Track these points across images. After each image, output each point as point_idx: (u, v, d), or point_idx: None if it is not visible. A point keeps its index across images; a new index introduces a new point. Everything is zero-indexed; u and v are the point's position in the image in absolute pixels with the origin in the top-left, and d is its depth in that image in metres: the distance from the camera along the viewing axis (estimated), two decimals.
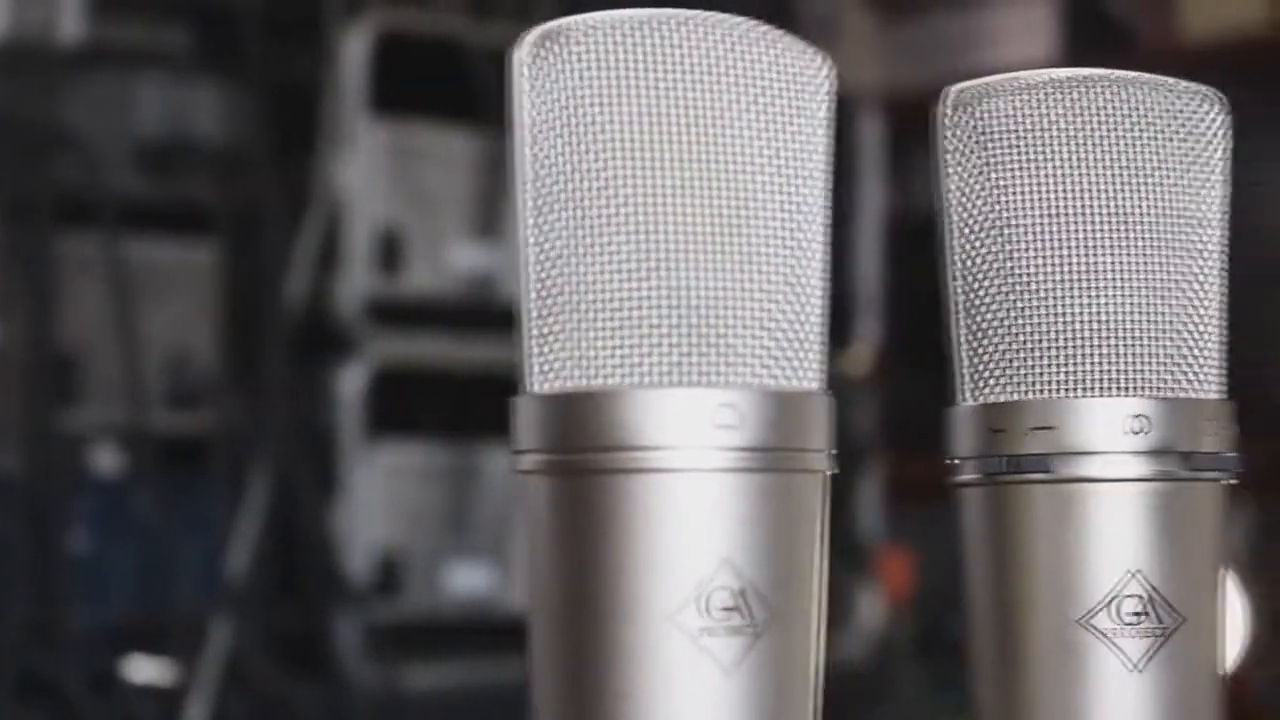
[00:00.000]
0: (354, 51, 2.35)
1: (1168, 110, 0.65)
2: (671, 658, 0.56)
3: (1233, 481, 0.66)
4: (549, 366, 0.58)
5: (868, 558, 2.63)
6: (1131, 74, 0.65)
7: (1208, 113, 0.66)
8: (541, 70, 0.58)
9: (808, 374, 0.59)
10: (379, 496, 2.33)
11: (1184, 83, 0.66)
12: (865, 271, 2.72)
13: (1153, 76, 0.66)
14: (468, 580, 2.32)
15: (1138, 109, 0.64)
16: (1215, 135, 0.66)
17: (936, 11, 3.31)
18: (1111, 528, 0.64)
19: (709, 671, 0.56)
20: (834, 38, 3.09)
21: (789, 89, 0.58)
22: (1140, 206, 0.64)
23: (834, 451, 0.60)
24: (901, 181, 2.88)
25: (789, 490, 0.58)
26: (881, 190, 2.79)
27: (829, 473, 0.60)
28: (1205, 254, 0.65)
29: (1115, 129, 0.64)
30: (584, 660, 0.57)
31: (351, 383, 2.34)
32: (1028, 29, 3.18)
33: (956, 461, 0.67)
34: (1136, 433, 0.63)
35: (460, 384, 2.38)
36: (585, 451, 0.57)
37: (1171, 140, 0.65)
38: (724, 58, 0.57)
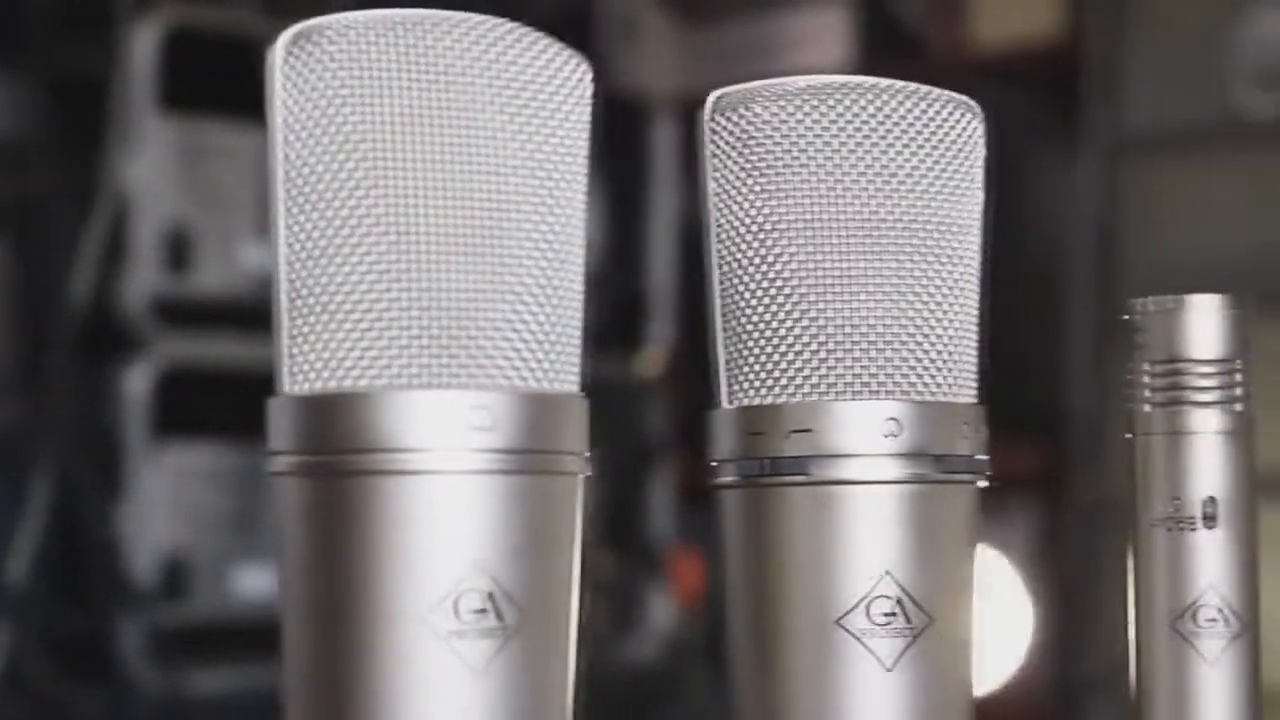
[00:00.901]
0: (143, 46, 2.32)
1: (923, 118, 0.66)
2: (422, 660, 0.56)
3: (984, 484, 0.67)
4: (301, 368, 0.58)
5: (659, 559, 2.65)
6: (888, 82, 0.66)
7: (964, 121, 0.67)
8: (295, 69, 0.58)
9: (564, 377, 0.59)
10: (165, 498, 2.30)
11: (939, 90, 0.67)
12: (658, 274, 2.73)
13: (909, 84, 0.66)
14: (255, 583, 2.30)
15: (893, 116, 0.65)
16: (971, 143, 0.67)
17: (734, 17, 3.34)
18: (866, 529, 0.64)
19: (459, 674, 0.56)
20: (633, 41, 3.10)
21: (546, 92, 0.58)
22: (894, 213, 0.65)
23: (588, 454, 0.60)
24: (697, 185, 2.89)
25: (543, 492, 0.58)
26: (675, 193, 2.81)
27: (585, 475, 0.60)
28: (961, 260, 0.66)
29: (871, 136, 0.65)
30: (335, 663, 0.57)
31: (137, 383, 2.31)
32: (823, 36, 3.21)
33: (717, 464, 0.67)
34: (892, 435, 0.64)
35: (249, 385, 2.35)
36: (337, 453, 0.57)
37: (925, 147, 0.66)
38: (479, 59, 0.57)
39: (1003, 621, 2.62)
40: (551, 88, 0.59)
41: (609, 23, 3.04)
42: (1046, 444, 2.65)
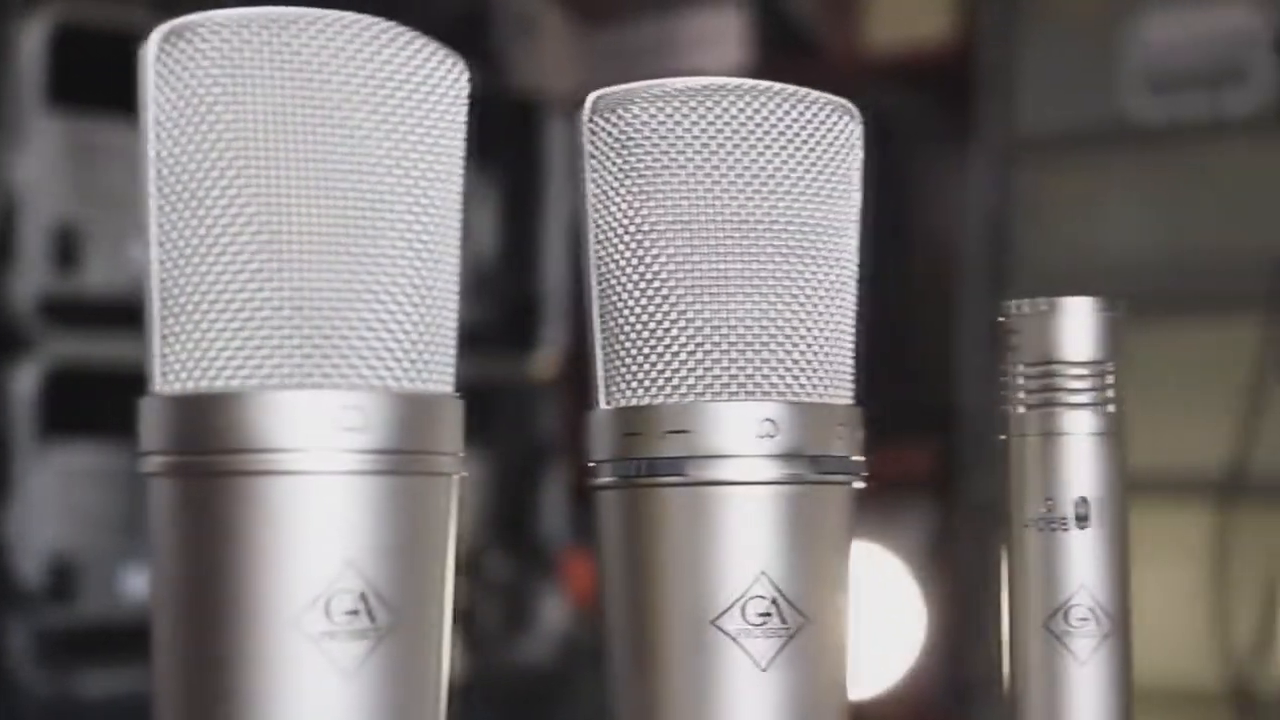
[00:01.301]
0: (30, 43, 2.29)
1: (799, 120, 0.66)
2: (293, 661, 0.56)
3: (861, 485, 0.67)
4: (173, 367, 0.58)
5: (551, 560, 2.64)
6: (765, 84, 0.66)
7: (840, 124, 0.67)
8: (167, 66, 0.57)
9: (437, 377, 0.59)
10: (52, 499, 2.28)
11: (816, 93, 0.68)
12: (553, 276, 2.73)
13: (787, 87, 0.67)
14: (144, 585, 2.28)
15: (769, 119, 0.66)
16: (847, 145, 0.68)
17: (632, 17, 3.34)
18: (742, 530, 0.64)
19: (330, 675, 0.56)
20: (530, 41, 3.10)
21: (419, 91, 0.58)
22: (770, 214, 0.65)
23: (462, 454, 0.60)
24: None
25: (416, 493, 0.58)
26: (570, 194, 2.81)
27: (459, 475, 0.60)
28: (837, 261, 0.67)
29: (748, 138, 0.65)
30: (206, 665, 0.56)
31: (25, 383, 2.29)
32: (719, 37, 3.22)
33: (595, 465, 0.67)
34: (767, 436, 0.64)
35: (139, 385, 2.33)
36: (208, 454, 0.56)
37: (801, 150, 0.66)
38: (353, 59, 0.57)
39: (894, 623, 2.64)
40: (426, 87, 0.59)
41: (506, 22, 3.03)
42: (939, 445, 2.66)
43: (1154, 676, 2.32)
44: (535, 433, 2.67)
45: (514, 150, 2.74)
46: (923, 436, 2.66)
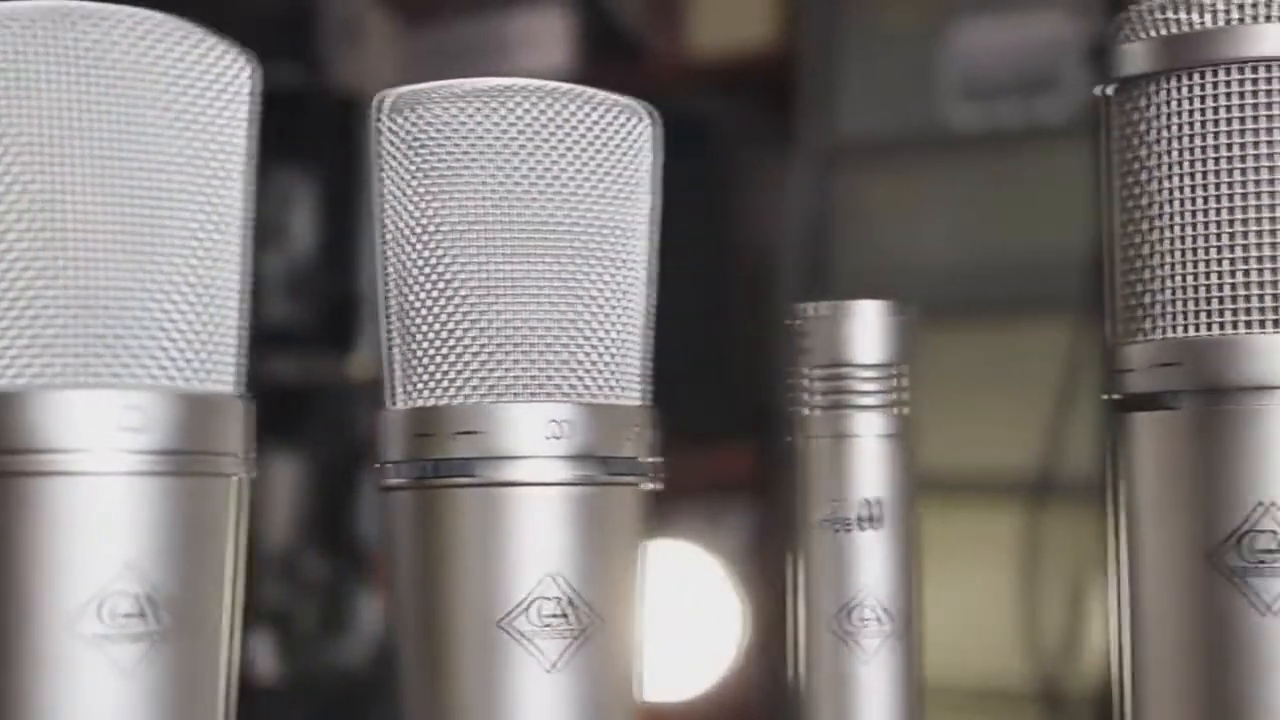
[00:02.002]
0: None
1: (588, 121, 0.66)
2: (70, 664, 0.55)
3: (651, 486, 0.68)
4: None
5: (368, 562, 2.63)
6: (555, 85, 0.66)
7: (631, 125, 0.68)
8: None
9: (220, 377, 0.58)
10: None
11: (610, 95, 0.68)
12: (370, 276, 2.71)
13: (577, 88, 0.67)
14: None
15: (558, 119, 0.66)
16: (638, 147, 0.68)
17: (456, 18, 3.33)
18: (533, 531, 0.65)
19: (108, 677, 0.55)
20: (354, 41, 3.08)
21: (202, 87, 0.58)
22: (557, 215, 0.65)
23: (253, 455, 0.60)
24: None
25: (197, 494, 0.57)
26: None
27: (245, 476, 0.59)
28: (627, 263, 0.67)
29: (537, 138, 0.65)
30: None
31: None
32: (543, 38, 3.22)
33: (386, 465, 0.67)
34: (556, 438, 0.64)
35: None
36: None
37: (589, 150, 0.66)
38: (130, 53, 0.57)
39: (714, 624, 2.65)
40: (205, 83, 0.58)
41: (330, 23, 3.01)
42: (758, 447, 2.68)
43: (964, 675, 2.35)
44: (353, 433, 2.66)
45: (334, 151, 2.72)
46: (743, 439, 2.68)
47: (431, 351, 0.65)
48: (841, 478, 0.70)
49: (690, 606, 2.58)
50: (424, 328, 0.65)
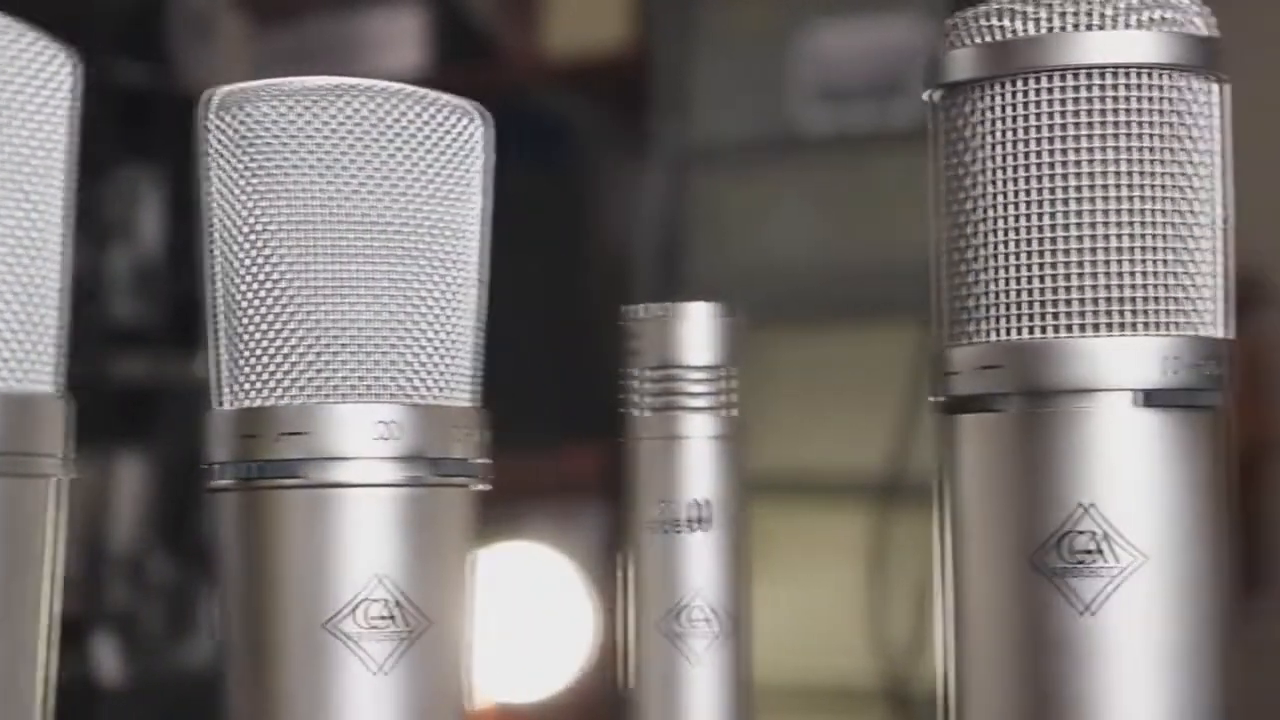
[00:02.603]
0: None
1: (418, 120, 0.66)
2: None
3: (482, 487, 0.67)
4: None
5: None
6: (386, 84, 0.66)
7: (462, 125, 0.67)
8: None
9: (37, 376, 0.58)
10: None
11: (444, 96, 0.67)
12: None
13: (409, 88, 0.67)
14: None
15: (388, 119, 0.65)
16: (469, 147, 0.68)
17: (310, 17, 3.31)
18: (360, 533, 0.64)
19: None
20: (206, 40, 3.05)
21: (21, 83, 0.57)
22: (386, 215, 0.65)
23: (73, 455, 0.59)
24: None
25: (14, 495, 0.57)
26: None
27: (64, 477, 0.59)
28: (455, 264, 0.67)
29: (367, 138, 0.65)
30: None
31: None
32: (399, 39, 3.20)
33: (214, 466, 0.67)
34: (385, 439, 0.64)
35: None
36: None
37: (420, 150, 0.66)
38: None
39: (563, 625, 2.65)
40: (24, 79, 0.57)
41: (181, 21, 2.98)
42: (610, 448, 2.68)
43: (814, 675, 2.36)
44: (200, 433, 2.63)
45: (182, 150, 2.70)
46: (594, 440, 2.68)
47: (259, 352, 0.65)
48: (671, 479, 0.70)
49: (542, 608, 2.58)
50: (251, 328, 0.65)
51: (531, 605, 2.58)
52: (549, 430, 2.45)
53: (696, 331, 0.71)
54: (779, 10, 2.73)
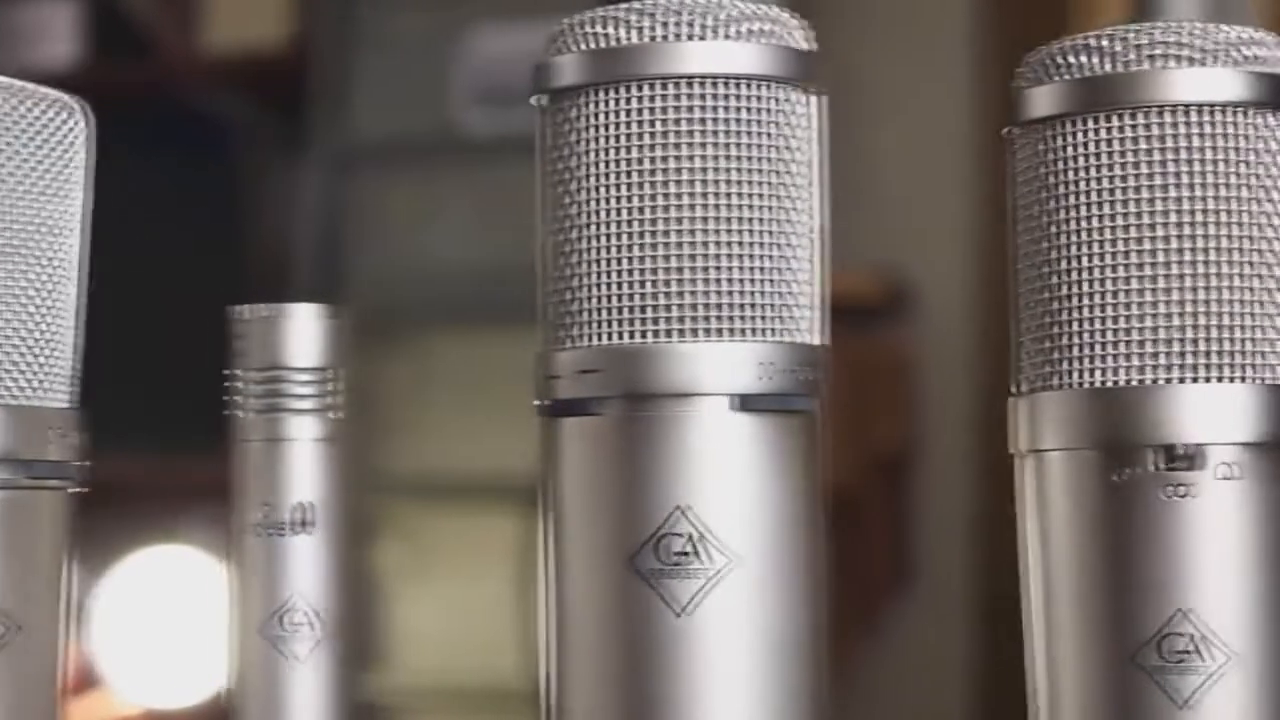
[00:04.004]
0: None
1: (15, 114, 0.65)
2: None
3: (77, 490, 0.66)
4: None
5: None
6: None
7: (61, 119, 0.66)
8: None
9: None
10: None
11: (43, 89, 0.66)
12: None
13: (5, 79, 0.65)
14: None
15: None
16: (69, 142, 0.66)
17: None
18: None
19: None
20: None
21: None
22: None
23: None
24: None
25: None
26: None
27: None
28: (51, 261, 0.65)
29: None
30: None
31: None
32: (52, 30, 3.13)
33: None
34: None
35: None
36: None
37: (16, 144, 0.64)
38: None
39: (214, 631, 2.61)
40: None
41: None
42: None
43: (467, 676, 2.36)
44: None
45: None
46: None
47: None
48: (274, 481, 0.69)
49: (193, 613, 2.54)
50: None
51: (182, 610, 2.54)
52: (204, 433, 2.41)
53: (302, 333, 0.70)
54: (440, 12, 2.73)
